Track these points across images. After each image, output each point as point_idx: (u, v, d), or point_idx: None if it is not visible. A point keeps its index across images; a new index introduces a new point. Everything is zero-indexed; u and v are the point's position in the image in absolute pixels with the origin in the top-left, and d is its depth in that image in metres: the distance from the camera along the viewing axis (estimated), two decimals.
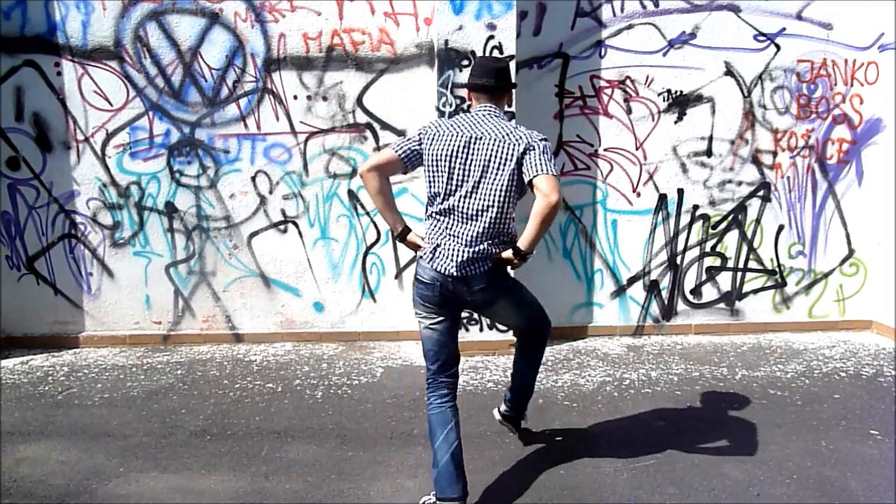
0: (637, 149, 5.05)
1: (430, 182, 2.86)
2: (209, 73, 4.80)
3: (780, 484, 3.10)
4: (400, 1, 4.77)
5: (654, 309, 5.27)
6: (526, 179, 2.73)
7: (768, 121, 5.09)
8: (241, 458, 3.34)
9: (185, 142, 4.88)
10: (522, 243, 2.76)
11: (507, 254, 2.81)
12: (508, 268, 2.90)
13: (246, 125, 4.89)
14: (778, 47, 5.00)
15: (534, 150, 2.72)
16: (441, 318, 2.91)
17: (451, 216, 2.83)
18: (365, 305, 5.15)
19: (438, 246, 2.84)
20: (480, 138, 2.79)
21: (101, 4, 4.68)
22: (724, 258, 5.26)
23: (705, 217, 5.18)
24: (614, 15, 4.88)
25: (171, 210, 4.96)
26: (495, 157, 2.76)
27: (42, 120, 4.81)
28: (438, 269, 2.83)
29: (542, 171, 2.68)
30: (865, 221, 5.27)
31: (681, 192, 5.13)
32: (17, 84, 4.76)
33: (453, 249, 2.81)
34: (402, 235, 2.98)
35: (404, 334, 5.13)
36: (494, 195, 2.77)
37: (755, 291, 5.32)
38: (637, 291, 5.24)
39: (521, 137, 2.75)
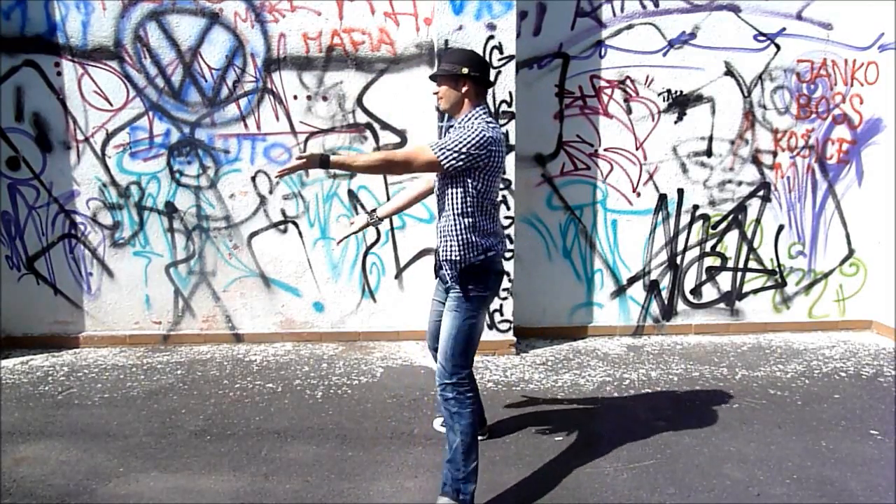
0: (637, 149, 5.05)
1: (489, 188, 2.84)
2: (209, 73, 4.80)
3: (780, 484, 3.10)
4: (400, 1, 4.77)
5: (654, 309, 5.28)
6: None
7: (768, 121, 5.09)
8: (241, 458, 3.34)
9: (185, 142, 4.88)
10: None
11: None
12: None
13: (246, 125, 4.89)
14: (778, 47, 5.00)
15: None
16: None
17: (498, 217, 3.01)
18: (365, 305, 5.15)
19: (502, 239, 3.00)
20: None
21: (101, 4, 4.68)
22: (724, 258, 5.26)
23: (705, 217, 5.18)
24: (614, 15, 4.88)
25: (171, 210, 4.96)
26: None
27: (42, 120, 4.81)
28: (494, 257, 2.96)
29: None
30: (865, 221, 5.27)
31: (681, 192, 5.13)
32: (17, 84, 4.76)
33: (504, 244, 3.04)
34: (332, 163, 2.90)
35: (404, 334, 5.13)
36: None
37: (755, 291, 5.32)
38: (637, 291, 5.24)
39: None
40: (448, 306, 2.92)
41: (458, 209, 2.84)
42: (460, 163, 2.73)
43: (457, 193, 2.83)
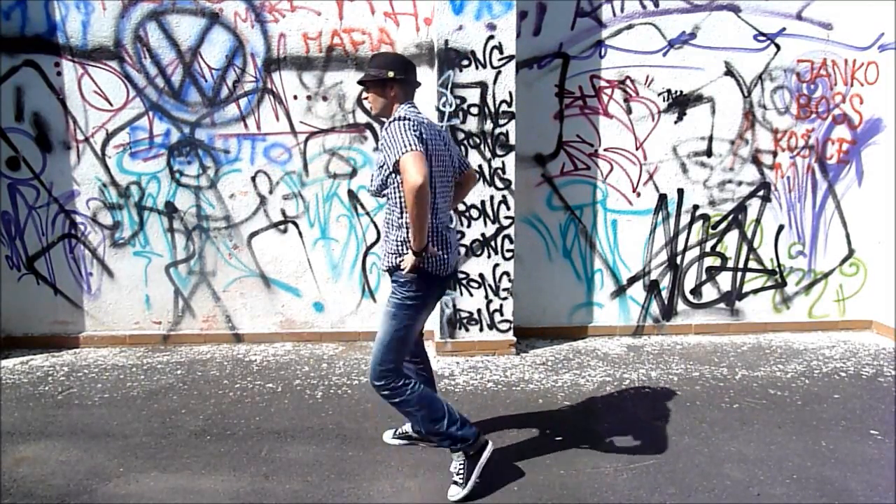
0: (637, 149, 5.05)
1: (432, 180, 2.85)
2: (209, 73, 4.80)
3: (780, 484, 3.10)
4: (400, 1, 4.77)
5: (654, 309, 5.28)
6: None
7: (768, 121, 5.09)
8: (241, 458, 3.34)
9: (185, 142, 4.88)
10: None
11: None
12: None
13: (246, 125, 4.89)
14: (778, 47, 5.00)
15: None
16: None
17: (447, 212, 3.05)
18: (365, 305, 5.15)
19: (450, 240, 2.99)
20: (444, 135, 3.06)
21: (101, 4, 4.68)
22: (724, 258, 5.26)
23: (705, 217, 5.18)
24: (614, 15, 4.88)
25: (171, 210, 4.96)
26: (451, 156, 3.08)
27: (42, 120, 4.81)
28: (453, 263, 3.02)
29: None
30: (865, 221, 5.27)
31: (681, 192, 5.13)
32: (17, 84, 4.76)
33: (456, 241, 3.09)
34: (426, 247, 2.82)
35: None
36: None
37: (755, 291, 5.32)
38: (637, 291, 5.24)
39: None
40: (385, 310, 2.95)
41: (403, 202, 2.85)
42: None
43: (401, 187, 2.84)
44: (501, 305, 4.76)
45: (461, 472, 2.99)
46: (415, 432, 3.41)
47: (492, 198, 4.65)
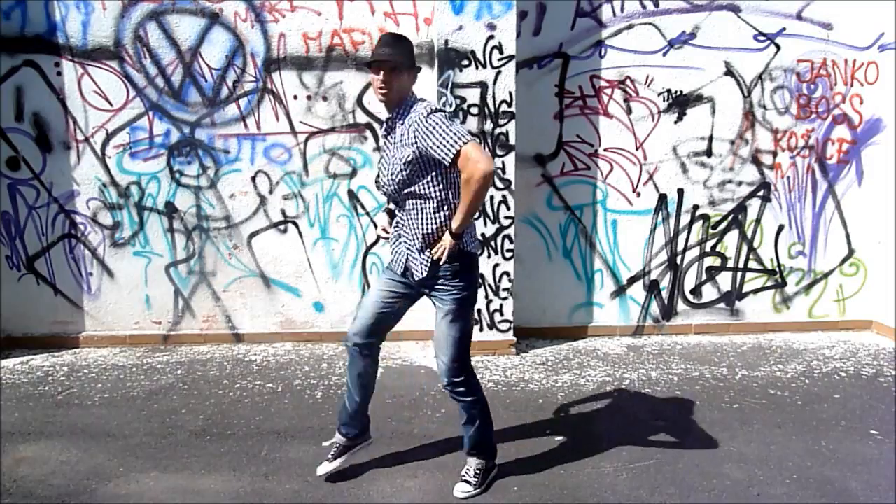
0: (637, 149, 5.05)
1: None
2: (209, 73, 4.80)
3: (780, 484, 3.10)
4: (400, 1, 4.77)
5: (654, 309, 5.28)
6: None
7: (768, 121, 5.09)
8: (241, 458, 3.34)
9: (185, 142, 4.88)
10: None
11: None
12: None
13: (246, 125, 4.89)
14: (778, 47, 5.00)
15: None
16: None
17: None
18: None
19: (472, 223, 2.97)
20: None
21: (101, 4, 4.68)
22: (724, 258, 5.26)
23: (705, 217, 5.18)
24: (614, 15, 4.88)
25: (171, 210, 4.96)
26: None
27: (42, 120, 4.81)
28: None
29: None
30: (865, 221, 5.27)
31: (681, 192, 5.13)
32: (17, 84, 4.75)
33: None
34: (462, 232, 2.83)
35: (404, 334, 5.12)
36: None
37: (755, 291, 5.32)
38: (637, 291, 5.24)
39: None
40: (447, 311, 2.87)
41: (440, 196, 2.80)
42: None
43: (434, 180, 2.78)
44: (501, 305, 4.76)
45: (478, 474, 3.02)
46: (345, 436, 3.13)
47: (492, 198, 4.65)
